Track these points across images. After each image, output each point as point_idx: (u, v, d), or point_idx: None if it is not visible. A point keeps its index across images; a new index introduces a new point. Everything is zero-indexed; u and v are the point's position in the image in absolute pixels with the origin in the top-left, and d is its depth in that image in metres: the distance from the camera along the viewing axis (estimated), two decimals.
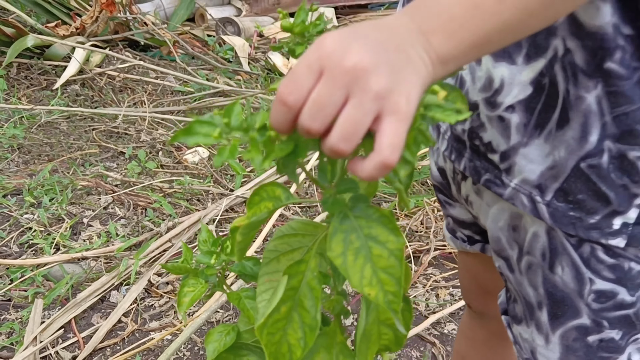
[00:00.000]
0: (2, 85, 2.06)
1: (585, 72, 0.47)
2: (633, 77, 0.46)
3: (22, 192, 1.57)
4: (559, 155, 0.50)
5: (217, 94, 2.20)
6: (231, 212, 1.55)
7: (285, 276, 0.48)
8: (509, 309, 0.63)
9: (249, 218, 0.46)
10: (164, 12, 3.13)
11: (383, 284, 0.43)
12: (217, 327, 0.59)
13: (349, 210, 0.44)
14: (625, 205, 0.49)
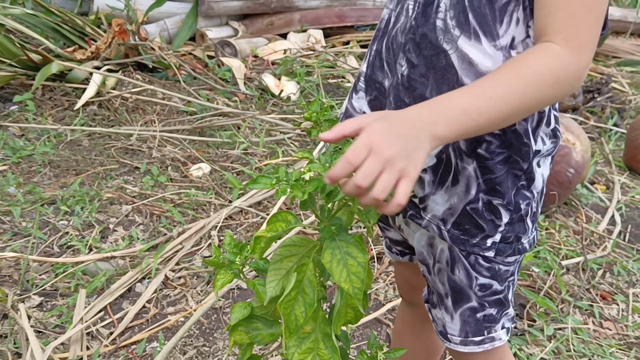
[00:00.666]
0: (31, 107, 2.39)
1: (466, 153, 0.78)
2: (494, 159, 0.79)
3: (57, 202, 1.90)
4: (454, 201, 0.81)
5: (218, 114, 2.53)
6: (230, 220, 1.88)
7: (294, 273, 0.80)
8: (429, 299, 0.94)
9: (267, 232, 0.80)
10: (168, 33, 3.45)
11: (353, 281, 0.76)
12: (238, 303, 0.87)
13: (336, 235, 0.78)
14: (493, 232, 0.81)
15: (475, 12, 0.73)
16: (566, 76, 0.69)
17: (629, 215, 2.18)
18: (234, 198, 1.97)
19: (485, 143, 0.77)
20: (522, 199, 0.81)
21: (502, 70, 0.70)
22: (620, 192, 2.34)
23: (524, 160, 0.79)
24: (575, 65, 0.69)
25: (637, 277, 1.87)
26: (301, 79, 2.92)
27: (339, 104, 2.79)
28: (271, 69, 3.11)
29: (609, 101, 3.05)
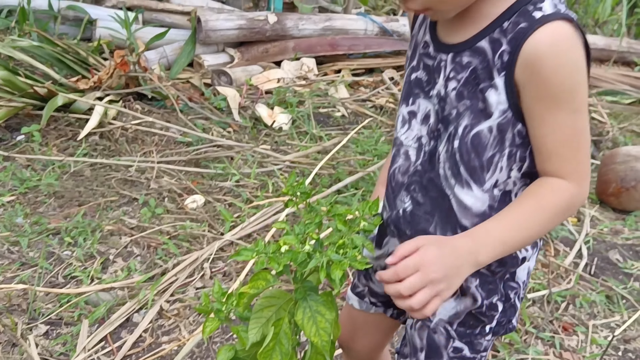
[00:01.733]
0: (37, 137, 2.54)
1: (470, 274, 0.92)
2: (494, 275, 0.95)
3: (61, 232, 2.05)
4: (460, 308, 0.95)
5: (213, 145, 2.69)
6: (221, 252, 2.03)
7: (272, 326, 0.95)
8: (401, 351, 1.05)
9: (250, 289, 0.95)
10: (167, 60, 3.61)
11: (321, 335, 0.91)
12: (225, 346, 0.99)
13: (308, 296, 0.93)
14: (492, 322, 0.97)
15: (466, 165, 0.88)
16: (576, 203, 0.86)
17: (595, 248, 2.33)
18: (226, 230, 2.12)
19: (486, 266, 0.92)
20: (510, 289, 0.97)
21: (527, 204, 0.86)
22: (590, 224, 2.49)
23: (514, 267, 0.96)
24: (581, 194, 0.85)
25: (599, 309, 2.02)
26: (293, 110, 3.08)
27: (327, 135, 2.95)
28: (265, 98, 3.26)
29: None
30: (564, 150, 0.83)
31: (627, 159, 2.64)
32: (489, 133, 0.85)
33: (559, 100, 0.81)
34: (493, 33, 0.83)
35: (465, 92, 0.86)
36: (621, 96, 4.02)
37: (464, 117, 0.87)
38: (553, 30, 0.79)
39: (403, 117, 0.97)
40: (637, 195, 2.60)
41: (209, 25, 3.59)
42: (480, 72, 0.84)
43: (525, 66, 0.80)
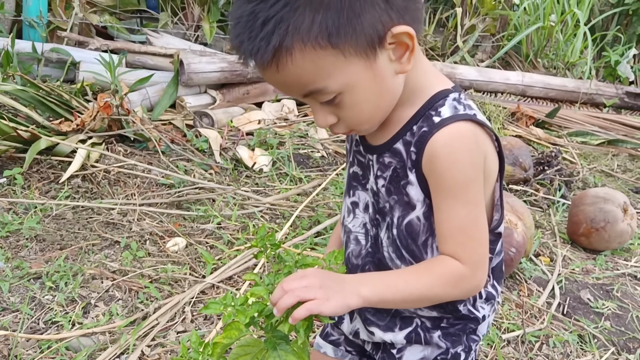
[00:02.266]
0: (20, 180, 2.56)
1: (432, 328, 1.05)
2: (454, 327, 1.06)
3: (42, 277, 2.06)
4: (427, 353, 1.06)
5: (195, 187, 2.73)
6: (202, 295, 2.06)
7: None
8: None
9: (223, 339, 1.00)
10: (149, 101, 3.67)
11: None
12: None
13: (278, 345, 0.98)
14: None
15: (406, 249, 0.99)
16: (464, 284, 0.95)
17: (568, 288, 2.40)
18: (207, 273, 2.15)
19: (445, 319, 1.04)
20: (473, 342, 1.07)
21: (419, 266, 0.97)
22: (562, 264, 2.56)
23: (476, 324, 1.05)
24: (472, 276, 0.95)
25: (572, 348, 2.07)
26: (273, 152, 3.14)
27: (307, 177, 3.01)
28: (246, 139, 3.32)
29: (558, 174, 3.31)
30: (459, 237, 0.93)
31: (596, 200, 2.73)
32: (418, 221, 0.97)
33: (453, 192, 0.91)
34: (405, 135, 0.95)
35: (392, 188, 0.98)
36: (590, 137, 4.16)
37: (396, 209, 0.98)
38: (448, 132, 0.90)
39: (347, 207, 1.09)
40: (607, 236, 2.69)
41: (191, 67, 3.67)
42: (400, 171, 0.96)
43: (426, 163, 0.92)
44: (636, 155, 4.09)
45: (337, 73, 0.84)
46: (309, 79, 0.84)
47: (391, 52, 0.86)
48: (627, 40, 5.73)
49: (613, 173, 3.76)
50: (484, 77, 4.68)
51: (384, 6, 0.82)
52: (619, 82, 5.43)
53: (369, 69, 0.85)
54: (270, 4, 0.79)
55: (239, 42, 0.83)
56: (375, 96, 0.89)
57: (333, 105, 0.89)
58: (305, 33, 0.79)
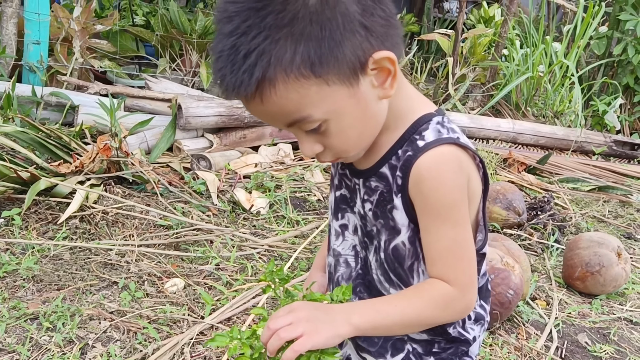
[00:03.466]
0: (18, 221, 2.56)
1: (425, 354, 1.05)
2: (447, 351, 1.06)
3: (39, 317, 2.04)
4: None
5: (193, 228, 2.74)
6: (201, 336, 2.04)
7: None
8: None
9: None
10: (147, 144, 3.70)
11: None
12: None
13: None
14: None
15: (394, 273, 1.01)
16: (454, 306, 0.96)
17: (565, 332, 2.41)
18: (206, 314, 2.14)
19: (436, 343, 1.04)
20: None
21: (408, 291, 0.98)
22: (558, 308, 2.57)
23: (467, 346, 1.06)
24: (462, 298, 0.96)
25: None
26: (270, 195, 3.17)
27: (304, 220, 3.03)
28: (243, 182, 3.35)
29: (551, 218, 3.35)
30: (447, 259, 0.95)
31: (591, 244, 2.77)
32: (404, 246, 0.99)
33: (440, 214, 0.93)
34: (391, 160, 0.96)
35: (378, 212, 1.00)
36: (581, 183, 4.23)
37: (382, 233, 1.00)
38: (432, 156, 0.92)
39: (336, 230, 1.10)
40: (602, 280, 2.71)
41: (189, 112, 3.72)
42: (386, 195, 0.98)
43: (412, 187, 0.94)
44: (626, 202, 4.15)
45: (321, 101, 0.85)
46: (293, 109, 0.85)
47: (373, 78, 0.88)
48: (613, 91, 5.89)
49: (605, 219, 3.81)
50: (476, 124, 4.77)
51: (364, 33, 0.84)
52: (607, 131, 5.56)
53: (353, 96, 0.86)
54: (251, 36, 0.80)
55: (222, 76, 0.84)
56: (360, 122, 0.90)
57: (318, 133, 0.90)
58: (288, 64, 0.80)
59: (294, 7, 0.80)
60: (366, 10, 0.83)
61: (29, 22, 3.96)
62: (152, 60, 5.02)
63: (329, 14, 0.80)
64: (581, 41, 5.58)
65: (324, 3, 0.80)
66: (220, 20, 0.84)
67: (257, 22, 0.80)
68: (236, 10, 0.81)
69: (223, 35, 0.83)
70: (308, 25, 0.80)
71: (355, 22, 0.82)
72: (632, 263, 3.15)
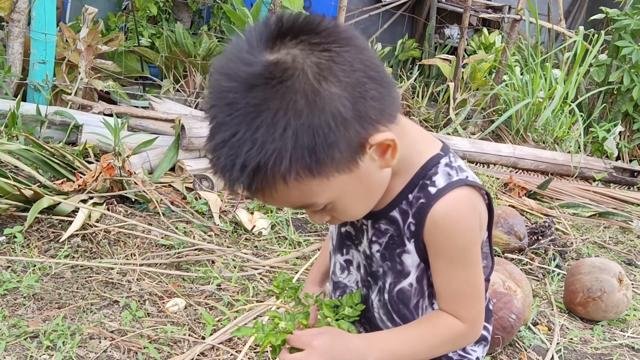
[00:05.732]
0: (20, 239, 2.56)
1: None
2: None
3: (39, 335, 2.03)
4: None
5: (194, 248, 2.74)
6: (202, 357, 2.03)
7: None
8: None
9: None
10: (149, 164, 3.72)
11: None
12: None
13: None
14: None
15: (397, 314, 1.03)
16: (464, 340, 1.00)
17: (567, 358, 2.39)
18: (207, 334, 2.13)
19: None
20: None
21: (422, 327, 0.99)
22: (560, 334, 2.56)
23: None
24: (470, 333, 0.99)
25: None
26: (272, 216, 3.17)
27: (306, 241, 3.03)
28: (244, 203, 3.36)
29: (552, 243, 3.36)
30: (459, 298, 0.97)
31: (592, 270, 2.76)
32: (410, 287, 1.00)
33: (453, 258, 0.95)
34: (402, 204, 0.97)
35: (386, 254, 1.01)
36: (582, 209, 4.23)
37: (388, 275, 1.02)
38: (446, 203, 0.93)
39: (341, 264, 1.12)
40: (603, 306, 2.71)
41: (192, 132, 3.74)
42: (397, 239, 0.99)
43: (427, 233, 0.95)
44: (627, 228, 4.16)
45: (324, 192, 0.85)
46: (295, 201, 0.87)
47: (373, 153, 0.87)
48: (612, 118, 5.93)
49: (605, 245, 3.81)
50: (476, 148, 4.80)
51: (358, 124, 0.82)
52: (607, 157, 5.58)
53: (354, 177, 0.86)
54: (244, 150, 0.79)
55: (221, 176, 0.84)
56: (364, 195, 0.92)
57: (326, 210, 0.92)
58: (286, 173, 0.80)
59: (284, 119, 0.78)
60: (357, 98, 0.81)
61: (35, 41, 4.00)
62: (156, 81, 5.06)
63: (318, 119, 0.79)
64: (580, 68, 5.63)
65: (312, 109, 0.78)
66: (211, 123, 0.83)
67: (248, 136, 0.78)
68: (224, 120, 0.80)
69: (216, 143, 0.82)
70: (300, 135, 0.78)
71: (348, 117, 0.80)
72: (634, 290, 3.15)
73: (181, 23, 5.65)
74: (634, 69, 5.51)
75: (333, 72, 0.79)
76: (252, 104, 0.78)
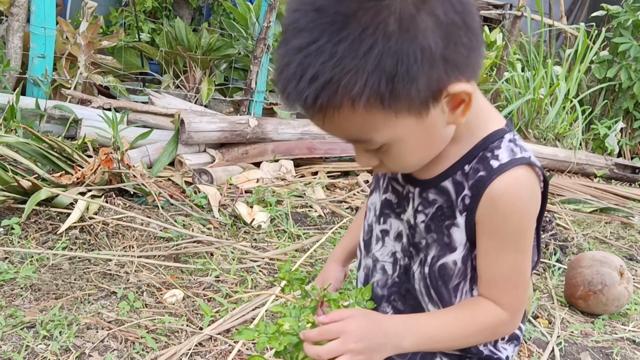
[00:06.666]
0: (17, 230, 2.55)
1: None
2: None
3: (36, 325, 2.02)
4: None
5: (193, 241, 2.72)
6: (199, 347, 2.02)
7: None
8: None
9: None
10: (149, 158, 3.71)
11: None
12: None
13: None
14: None
15: (435, 290, 0.97)
16: (502, 330, 0.96)
17: (567, 351, 2.38)
18: (205, 325, 2.12)
19: (467, 358, 1.00)
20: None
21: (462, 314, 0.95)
22: (560, 327, 2.55)
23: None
24: (510, 322, 0.95)
25: None
26: (272, 209, 3.16)
27: (305, 234, 3.02)
28: (244, 197, 3.35)
29: (553, 238, 3.34)
30: (503, 284, 0.92)
31: (593, 263, 2.75)
32: (454, 265, 0.95)
33: (505, 240, 0.90)
34: (455, 175, 0.92)
35: (432, 225, 0.95)
36: (583, 205, 4.22)
37: (432, 247, 0.96)
38: (507, 180, 0.88)
39: (377, 235, 1.06)
40: (604, 299, 2.69)
41: (192, 126, 3.73)
42: (446, 210, 0.93)
43: (483, 209, 0.90)
44: (628, 224, 4.14)
45: (386, 129, 0.80)
46: (354, 131, 0.81)
47: (445, 104, 0.82)
48: (613, 115, 5.91)
49: (606, 240, 3.79)
50: None
51: (443, 65, 0.77)
52: (608, 154, 5.57)
53: (420, 124, 0.81)
54: (320, 60, 0.73)
55: (284, 88, 0.78)
56: (422, 148, 0.86)
57: (378, 152, 0.86)
58: (356, 95, 0.75)
59: (372, 38, 0.73)
60: (449, 41, 0.76)
61: (34, 35, 3.99)
62: (156, 77, 5.05)
63: (407, 47, 0.73)
64: (581, 65, 5.62)
65: (403, 35, 0.73)
66: (288, 29, 0.77)
67: (328, 47, 0.73)
68: (306, 25, 0.75)
69: (290, 48, 0.76)
70: (383, 59, 0.73)
71: (436, 55, 0.76)
72: (635, 284, 3.13)
73: (181, 18, 5.64)
74: (630, 65, 5.49)
75: (433, 6, 0.75)
76: (342, 13, 0.73)
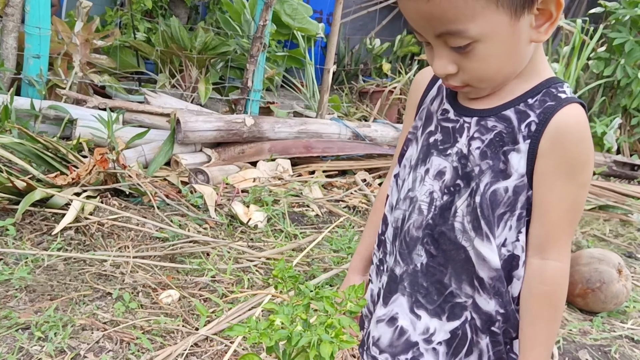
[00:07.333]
0: (12, 232, 2.53)
1: (481, 330, 0.99)
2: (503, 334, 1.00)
3: (31, 326, 2.00)
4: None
5: (189, 241, 2.71)
6: (195, 347, 2.00)
7: None
8: None
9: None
10: (145, 158, 3.69)
11: None
12: None
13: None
14: None
15: (485, 220, 0.95)
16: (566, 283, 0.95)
17: (566, 348, 2.36)
18: (201, 325, 2.10)
19: (497, 322, 0.98)
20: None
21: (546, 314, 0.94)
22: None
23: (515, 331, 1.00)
24: (568, 269, 0.94)
25: None
26: (268, 209, 3.14)
27: (302, 234, 3.00)
28: (241, 196, 3.33)
29: None
30: (561, 223, 0.92)
31: (591, 261, 2.74)
32: (505, 192, 0.93)
33: (572, 171, 0.91)
34: (518, 105, 0.94)
35: (488, 152, 0.95)
36: None
37: (486, 174, 0.95)
38: (576, 111, 0.92)
39: (420, 175, 1.03)
40: (602, 297, 2.68)
41: (188, 126, 3.71)
42: (506, 136, 0.94)
43: (550, 136, 0.91)
44: (627, 221, 4.13)
45: (482, 19, 0.84)
46: (453, 17, 0.84)
47: (534, 18, 0.88)
48: (612, 112, 5.90)
49: (605, 237, 3.78)
50: None
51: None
52: (606, 151, 5.55)
53: (512, 26, 0.86)
54: None
55: None
56: (506, 55, 0.90)
57: (461, 53, 0.89)
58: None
59: None
60: None
61: (29, 36, 3.97)
62: (152, 76, 5.03)
63: None
64: (578, 62, 5.60)
65: None
66: None
67: None
68: None
69: None
70: None
71: None
72: (633, 282, 3.12)
73: (177, 17, 5.62)
74: (624, 60, 5.47)
75: None
76: None
